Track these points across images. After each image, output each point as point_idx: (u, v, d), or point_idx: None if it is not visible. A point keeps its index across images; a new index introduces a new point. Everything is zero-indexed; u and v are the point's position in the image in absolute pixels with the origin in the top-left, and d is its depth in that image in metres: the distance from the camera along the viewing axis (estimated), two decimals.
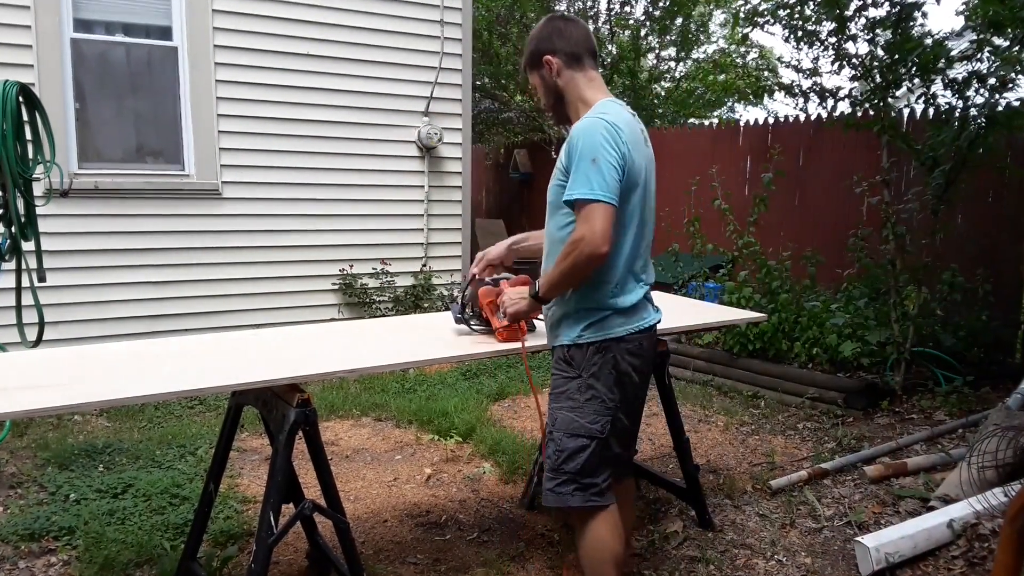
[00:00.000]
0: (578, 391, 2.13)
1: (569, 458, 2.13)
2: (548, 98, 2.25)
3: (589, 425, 2.12)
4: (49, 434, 4.11)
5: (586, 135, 2.00)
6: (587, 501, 2.14)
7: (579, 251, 1.95)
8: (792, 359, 5.09)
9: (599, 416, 2.13)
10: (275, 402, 2.18)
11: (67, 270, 5.08)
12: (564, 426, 2.14)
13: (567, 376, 2.16)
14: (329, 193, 6.17)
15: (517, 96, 12.40)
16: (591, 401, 2.12)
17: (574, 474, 2.13)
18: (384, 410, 4.65)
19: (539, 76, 2.23)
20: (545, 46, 2.20)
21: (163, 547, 2.85)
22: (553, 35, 2.20)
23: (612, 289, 2.11)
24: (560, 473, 2.15)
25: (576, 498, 2.14)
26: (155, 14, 5.44)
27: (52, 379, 2.01)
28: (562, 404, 2.16)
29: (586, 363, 2.12)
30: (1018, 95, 4.36)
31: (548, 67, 2.19)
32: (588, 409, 2.12)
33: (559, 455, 2.15)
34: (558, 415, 2.16)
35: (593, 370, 2.12)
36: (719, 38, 13.92)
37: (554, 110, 2.28)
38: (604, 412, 2.13)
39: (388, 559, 2.87)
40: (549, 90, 2.23)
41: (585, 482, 2.14)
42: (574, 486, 2.14)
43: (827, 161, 6.47)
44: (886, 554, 2.70)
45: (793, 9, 5.13)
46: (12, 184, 3.64)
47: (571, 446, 2.13)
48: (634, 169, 2.05)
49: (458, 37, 6.64)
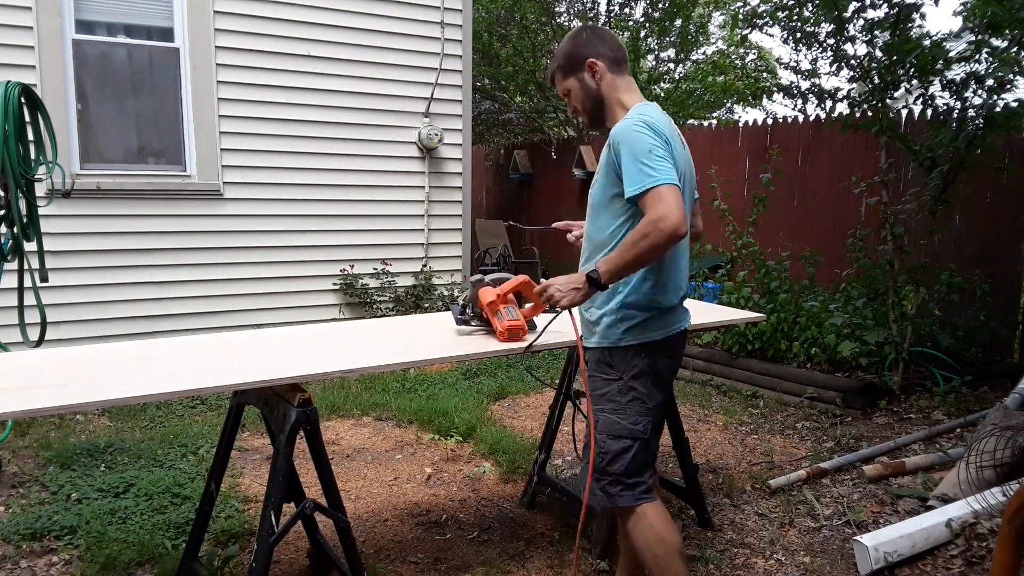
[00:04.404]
0: (619, 393, 2.14)
1: (614, 459, 2.14)
2: (587, 102, 2.23)
3: (631, 426, 2.13)
4: (51, 433, 4.12)
5: (633, 133, 2.00)
6: (637, 500, 2.15)
7: (659, 230, 1.89)
8: (791, 359, 5.11)
9: (640, 417, 2.14)
10: (276, 402, 2.19)
11: (69, 270, 5.10)
12: (607, 428, 2.15)
13: (608, 378, 2.16)
14: (330, 194, 6.18)
15: (517, 97, 12.43)
16: (632, 403, 2.13)
17: (620, 475, 2.15)
18: (385, 410, 4.66)
19: (577, 80, 2.21)
20: (589, 50, 2.19)
21: (164, 546, 2.87)
22: (595, 40, 2.21)
23: (654, 288, 2.11)
24: (606, 474, 2.16)
25: (625, 498, 2.16)
26: (156, 15, 5.46)
27: (54, 379, 2.01)
28: (603, 406, 2.16)
29: (627, 365, 2.13)
30: (1016, 96, 4.36)
31: (592, 71, 2.19)
32: (630, 410, 2.13)
33: (604, 457, 2.15)
34: (600, 417, 2.16)
35: (634, 372, 2.13)
36: (718, 39, 13.94)
37: (592, 114, 2.25)
38: (645, 412, 2.15)
39: (389, 558, 2.88)
40: (589, 94, 2.21)
41: (631, 482, 2.15)
42: (621, 487, 2.15)
43: (826, 162, 6.49)
44: (885, 553, 2.71)
45: (792, 11, 5.14)
46: (14, 185, 3.65)
47: (615, 448, 2.14)
48: (677, 168, 2.04)
49: (458, 38, 6.66)
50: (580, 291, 2.05)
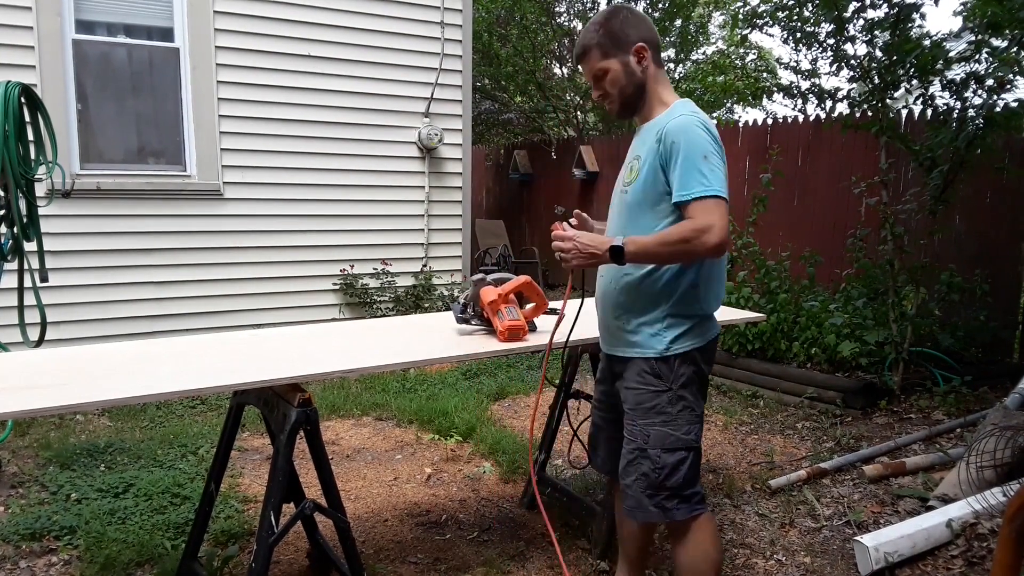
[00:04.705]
0: (669, 404, 2.06)
1: (671, 473, 2.06)
2: (628, 88, 2.07)
3: (684, 436, 2.06)
4: (51, 434, 4.12)
5: (689, 133, 1.92)
6: (692, 511, 2.09)
7: (702, 242, 1.85)
8: (791, 359, 5.10)
9: (691, 425, 2.08)
10: (276, 402, 2.19)
11: (69, 270, 5.10)
12: (659, 442, 2.06)
13: (656, 390, 2.07)
14: (330, 193, 6.18)
15: (517, 97, 12.43)
16: (683, 412, 2.07)
17: (677, 488, 2.06)
18: (385, 410, 4.66)
19: (620, 63, 2.05)
20: (638, 33, 2.05)
21: (164, 546, 2.86)
22: (642, 23, 2.07)
23: (702, 296, 2.07)
24: (662, 489, 2.07)
25: (681, 511, 2.08)
26: (156, 16, 5.46)
27: (54, 379, 2.01)
28: (653, 420, 2.07)
29: (675, 375, 2.06)
30: (1016, 96, 4.37)
31: (639, 56, 2.05)
32: (681, 420, 2.06)
33: (660, 472, 2.06)
34: (651, 431, 2.07)
35: (682, 380, 2.06)
36: (718, 39, 13.94)
37: (627, 102, 2.11)
38: (695, 420, 2.09)
39: (388, 558, 2.88)
40: (632, 80, 2.07)
41: (688, 493, 2.08)
42: (677, 500, 2.07)
43: (826, 162, 6.49)
44: (885, 553, 2.71)
45: (792, 11, 5.15)
46: (14, 185, 3.65)
47: (671, 461, 2.05)
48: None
49: (458, 38, 6.66)
50: (595, 259, 1.97)
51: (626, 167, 2.15)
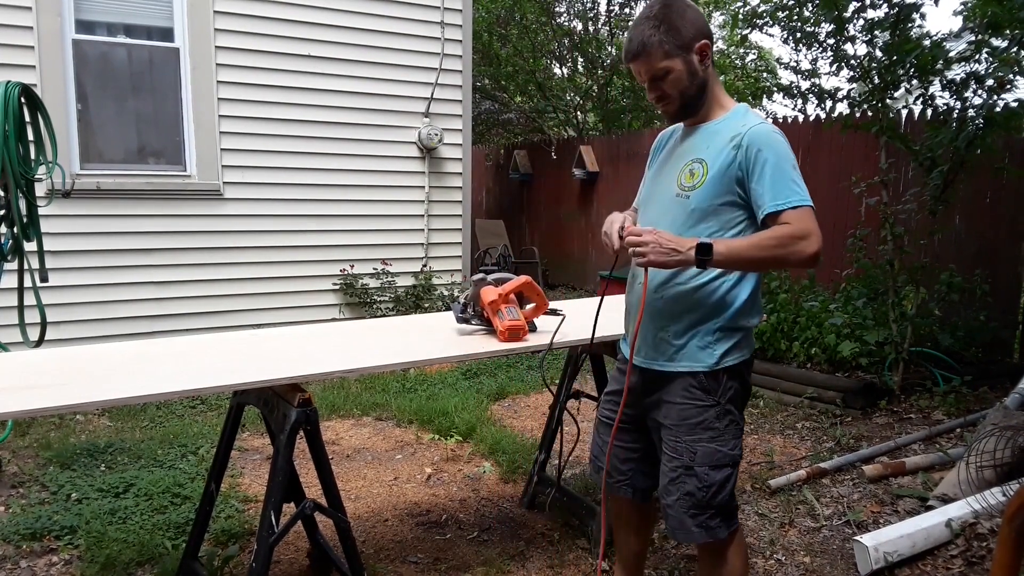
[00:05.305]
0: (717, 419, 1.98)
1: (718, 491, 1.98)
2: (691, 88, 1.95)
3: (730, 452, 2.00)
4: (51, 433, 4.12)
5: (774, 142, 1.87)
6: (730, 527, 2.04)
7: (799, 249, 1.79)
8: (791, 359, 5.11)
9: (736, 440, 2.02)
10: (276, 402, 2.19)
11: (69, 270, 5.10)
12: (707, 459, 1.97)
13: (703, 405, 1.98)
14: (330, 194, 6.18)
15: (517, 97, 12.43)
16: (730, 427, 2.00)
17: (723, 506, 2.00)
18: (385, 409, 4.66)
19: (684, 62, 1.92)
20: (699, 28, 1.93)
21: (164, 546, 2.87)
22: (700, 17, 1.96)
23: (752, 309, 2.02)
24: (708, 507, 1.99)
25: (722, 529, 2.01)
26: (156, 15, 5.46)
27: (54, 379, 2.01)
28: (700, 436, 1.98)
29: (723, 389, 1.99)
30: (1016, 96, 4.37)
31: (702, 55, 1.93)
32: (728, 435, 2.00)
33: (707, 490, 1.97)
34: (697, 448, 1.97)
35: (730, 394, 2.00)
36: (718, 39, 13.94)
37: (688, 103, 1.98)
38: (738, 434, 2.03)
39: (389, 558, 2.88)
40: (695, 80, 1.94)
41: (730, 509, 2.04)
42: (720, 518, 2.00)
43: (826, 162, 6.49)
44: (885, 553, 2.71)
45: (792, 11, 5.15)
46: (14, 185, 3.65)
47: (718, 478, 1.98)
48: None
49: (458, 38, 6.66)
50: (676, 258, 1.82)
51: (680, 170, 2.00)
